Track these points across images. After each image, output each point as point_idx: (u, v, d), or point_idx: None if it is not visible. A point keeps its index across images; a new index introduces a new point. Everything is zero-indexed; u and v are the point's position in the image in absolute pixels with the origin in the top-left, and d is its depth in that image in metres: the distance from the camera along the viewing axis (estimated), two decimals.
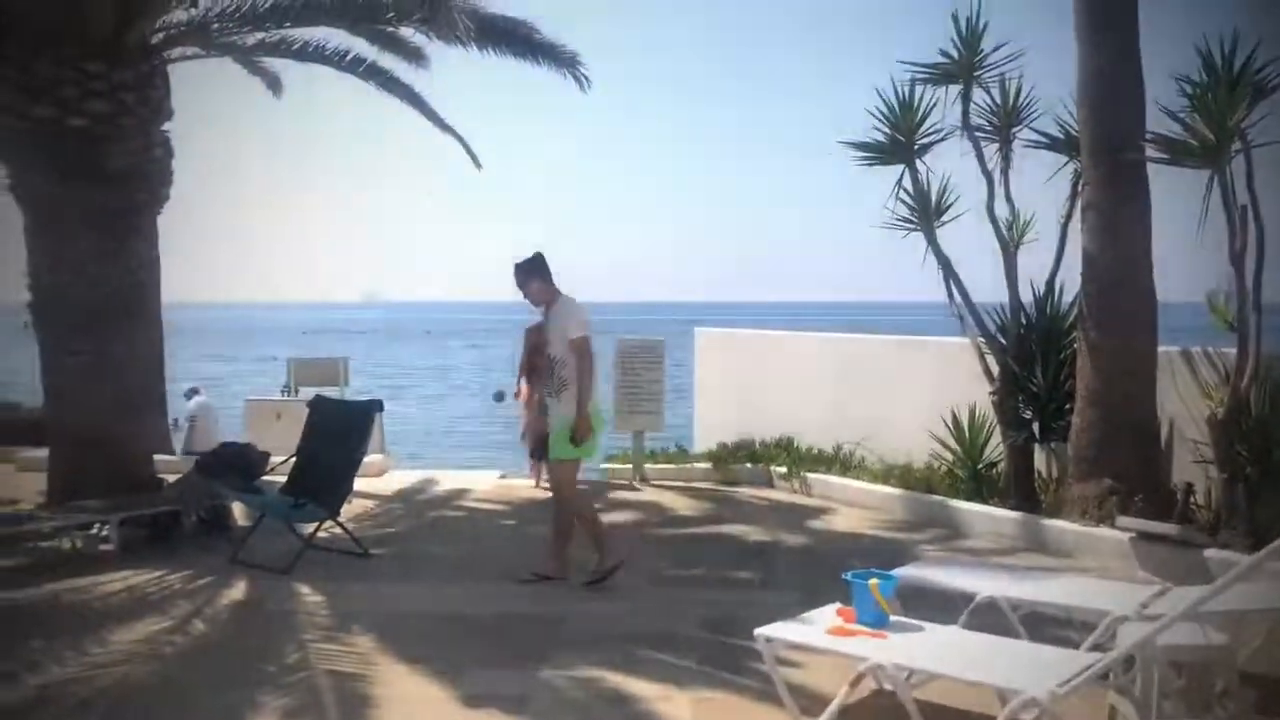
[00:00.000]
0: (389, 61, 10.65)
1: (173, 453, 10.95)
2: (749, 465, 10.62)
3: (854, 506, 9.26)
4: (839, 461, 10.18)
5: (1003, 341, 8.85)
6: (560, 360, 6.70)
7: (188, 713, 4.68)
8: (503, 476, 11.00)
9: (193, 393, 14.18)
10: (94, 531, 7.73)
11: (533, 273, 6.80)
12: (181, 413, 13.49)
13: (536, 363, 8.59)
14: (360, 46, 10.35)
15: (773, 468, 10.42)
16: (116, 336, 8.65)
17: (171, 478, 9.04)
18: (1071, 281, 8.59)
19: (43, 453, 9.49)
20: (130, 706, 4.78)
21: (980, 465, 8.93)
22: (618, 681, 5.01)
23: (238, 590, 6.74)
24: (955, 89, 8.87)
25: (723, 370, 12.84)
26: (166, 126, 9.05)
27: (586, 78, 9.77)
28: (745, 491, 10.10)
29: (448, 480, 10.68)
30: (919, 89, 8.96)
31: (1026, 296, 8.99)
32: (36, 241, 8.59)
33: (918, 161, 9.08)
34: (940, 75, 8.87)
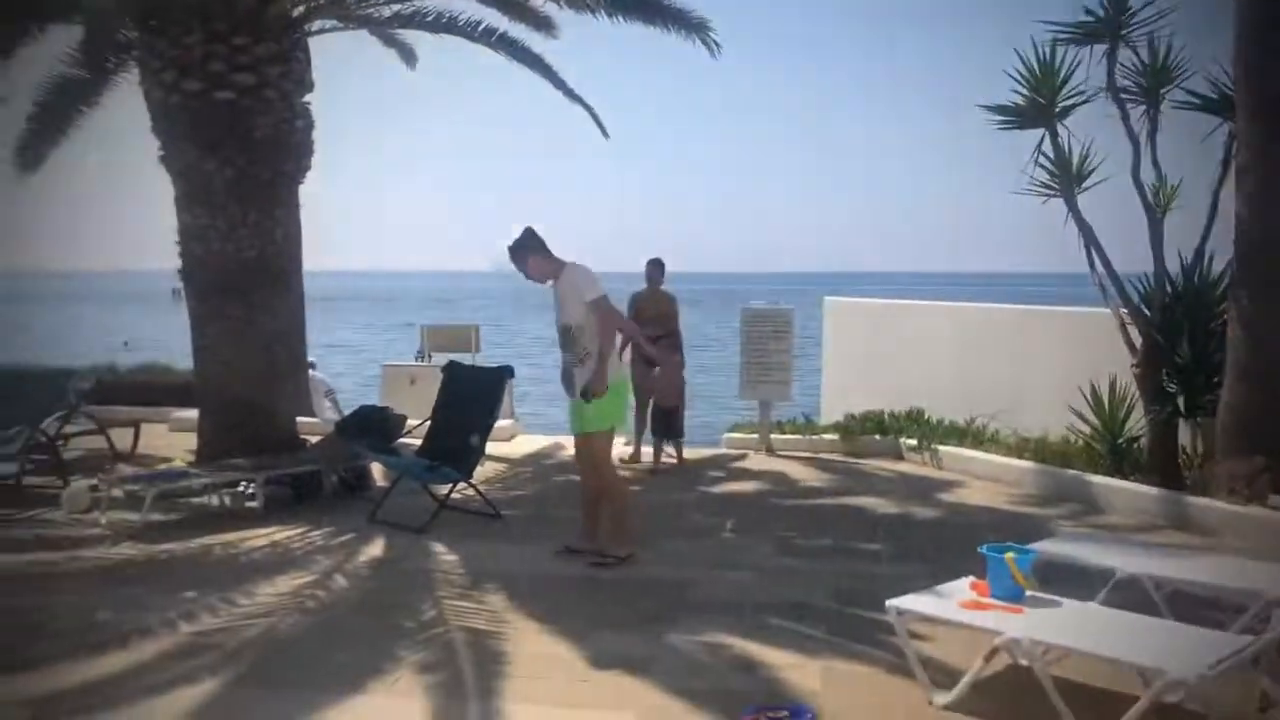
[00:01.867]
0: (519, 31, 10.75)
1: (313, 414, 11.36)
2: (877, 437, 10.46)
3: (986, 480, 9.05)
4: (971, 434, 9.96)
5: (1146, 312, 8.52)
6: (579, 327, 6.39)
7: (329, 664, 4.86)
8: (627, 443, 11.07)
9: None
10: (241, 489, 8.09)
11: (527, 251, 6.45)
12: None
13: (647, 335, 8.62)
14: (491, 17, 10.47)
15: (902, 440, 10.25)
16: (261, 302, 8.98)
17: (313, 439, 9.39)
18: (1222, 249, 8.21)
19: (192, 414, 9.95)
20: (276, 656, 4.99)
21: (1120, 440, 8.63)
22: (746, 648, 5.01)
23: (376, 548, 6.97)
24: (1100, 49, 8.53)
25: (851, 340, 12.68)
26: (307, 98, 9.32)
27: (716, 43, 9.66)
28: (873, 464, 9.97)
29: (570, 445, 10.76)
30: (1060, 49, 8.65)
31: (1172, 265, 8.64)
32: (185, 211, 8.95)
33: (1059, 125, 8.78)
34: (1084, 35, 8.53)
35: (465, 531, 7.28)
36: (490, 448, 8.32)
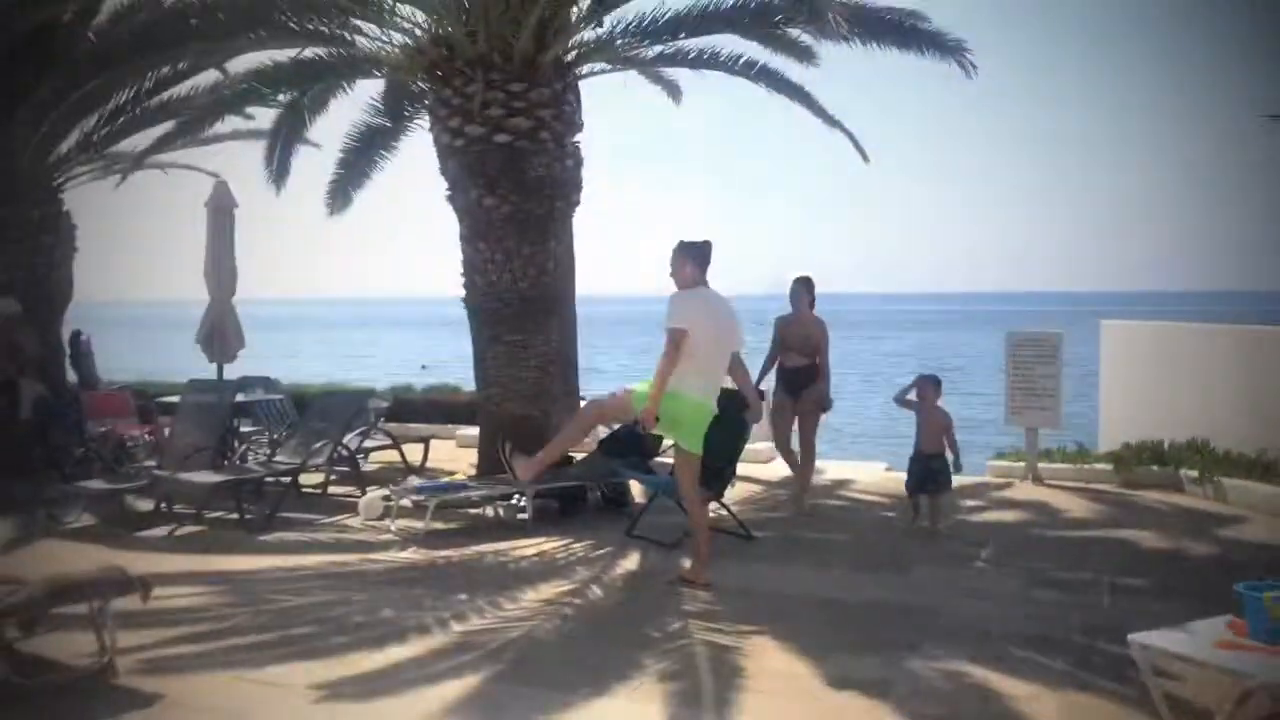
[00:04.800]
0: (778, 63, 10.97)
1: None
2: (1154, 468, 9.90)
3: (1276, 517, 8.41)
4: (1260, 466, 9.26)
5: None
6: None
7: (579, 666, 5.20)
8: (888, 469, 11.01)
9: None
10: (513, 502, 8.68)
11: (689, 257, 6.67)
12: None
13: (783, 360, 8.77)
14: (750, 50, 10.73)
15: (1182, 471, 9.66)
16: (537, 328, 9.60)
17: (579, 456, 9.91)
18: None
19: (475, 431, 10.73)
20: (532, 657, 5.40)
21: None
22: (985, 677, 4.97)
23: (631, 561, 7.34)
24: None
25: (1130, 365, 12.05)
26: (577, 138, 9.90)
27: (973, 64, 9.48)
28: (1149, 496, 9.45)
29: (833, 470, 10.81)
30: None
31: None
32: (469, 245, 9.70)
33: None
34: None
35: (716, 549, 7.45)
36: (748, 470, 8.53)
